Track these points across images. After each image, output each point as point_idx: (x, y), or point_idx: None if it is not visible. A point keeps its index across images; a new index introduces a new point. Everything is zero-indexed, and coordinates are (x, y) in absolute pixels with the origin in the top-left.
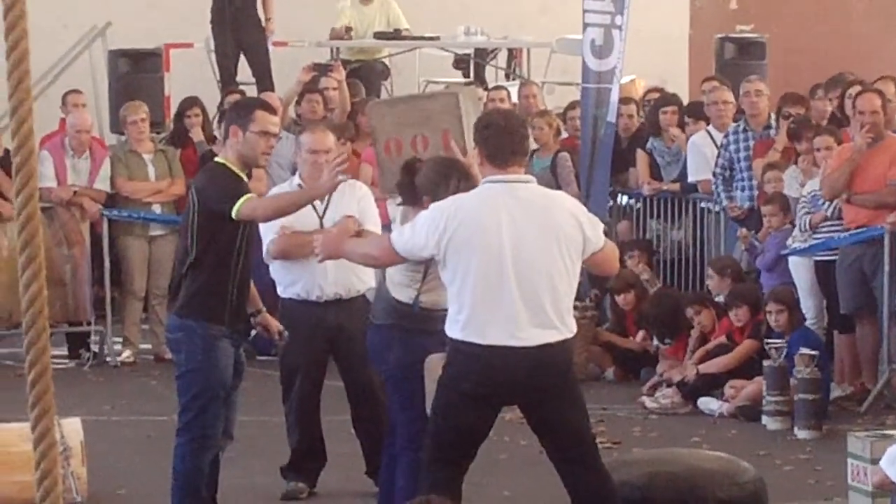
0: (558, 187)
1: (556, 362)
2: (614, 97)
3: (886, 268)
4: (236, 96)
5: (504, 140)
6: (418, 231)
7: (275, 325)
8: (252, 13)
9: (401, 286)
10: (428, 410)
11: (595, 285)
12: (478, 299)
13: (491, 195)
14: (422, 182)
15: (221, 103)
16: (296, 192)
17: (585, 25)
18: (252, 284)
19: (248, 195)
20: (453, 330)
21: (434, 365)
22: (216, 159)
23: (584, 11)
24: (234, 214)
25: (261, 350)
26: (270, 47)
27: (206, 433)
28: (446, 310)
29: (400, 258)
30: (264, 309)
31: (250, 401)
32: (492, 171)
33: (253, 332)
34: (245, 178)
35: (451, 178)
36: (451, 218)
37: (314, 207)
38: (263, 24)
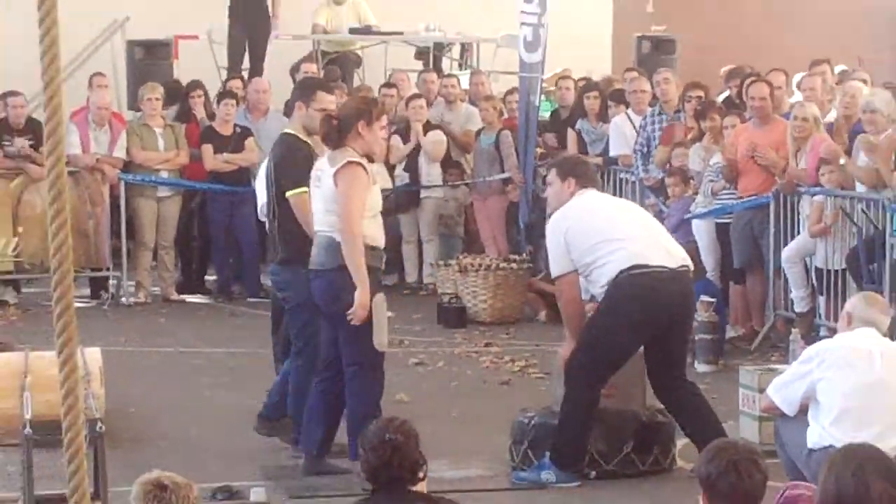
0: (501, 159)
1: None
2: (540, 85)
3: (772, 229)
4: (237, 81)
5: None
6: None
7: None
8: (263, 7)
9: (336, 227)
10: (376, 345)
11: (530, 241)
12: None
13: None
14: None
15: (224, 86)
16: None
17: (521, 24)
18: None
19: (304, 189)
20: None
21: (380, 301)
22: (286, 129)
23: (520, 12)
24: (287, 195)
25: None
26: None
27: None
28: (379, 247)
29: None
30: None
31: (243, 335)
32: None
33: None
34: (310, 143)
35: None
36: None
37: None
38: (271, 18)
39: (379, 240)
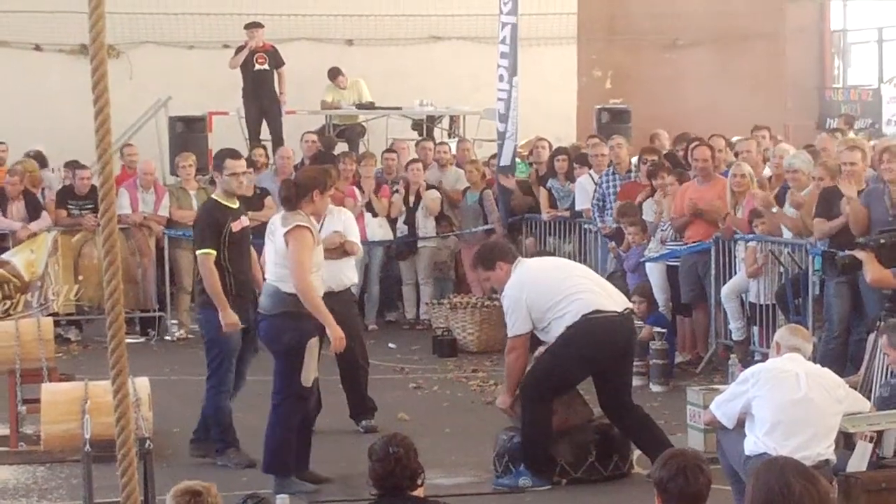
0: (485, 214)
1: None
2: (509, 150)
3: (713, 270)
4: (260, 150)
5: None
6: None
7: None
8: (271, 89)
9: (285, 281)
10: (303, 381)
11: None
12: None
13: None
14: (301, 182)
15: (249, 155)
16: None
17: (497, 100)
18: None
19: (209, 250)
20: None
21: (313, 345)
22: (212, 195)
23: (497, 90)
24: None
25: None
26: (284, 114)
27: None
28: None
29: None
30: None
31: (266, 366)
32: None
33: None
34: (230, 205)
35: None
36: None
37: (314, 227)
38: (279, 97)
39: (318, 291)
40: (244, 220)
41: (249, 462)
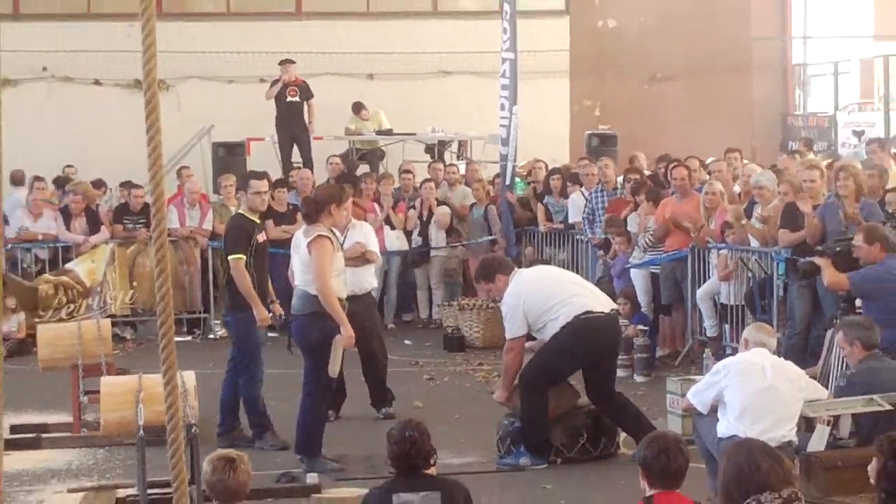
0: (489, 226)
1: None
2: (513, 171)
3: (689, 275)
4: (295, 170)
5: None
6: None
7: (278, 310)
8: (301, 118)
9: (311, 285)
10: (329, 373)
11: None
12: None
13: None
14: (319, 199)
15: (286, 177)
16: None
17: (499, 126)
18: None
19: (240, 255)
20: None
21: (338, 341)
22: (238, 210)
23: (499, 118)
24: (229, 257)
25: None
26: (312, 140)
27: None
28: (342, 298)
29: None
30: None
31: (297, 361)
32: None
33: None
34: (254, 219)
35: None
36: None
37: (336, 236)
38: (308, 124)
39: (342, 293)
40: (263, 234)
41: (283, 444)
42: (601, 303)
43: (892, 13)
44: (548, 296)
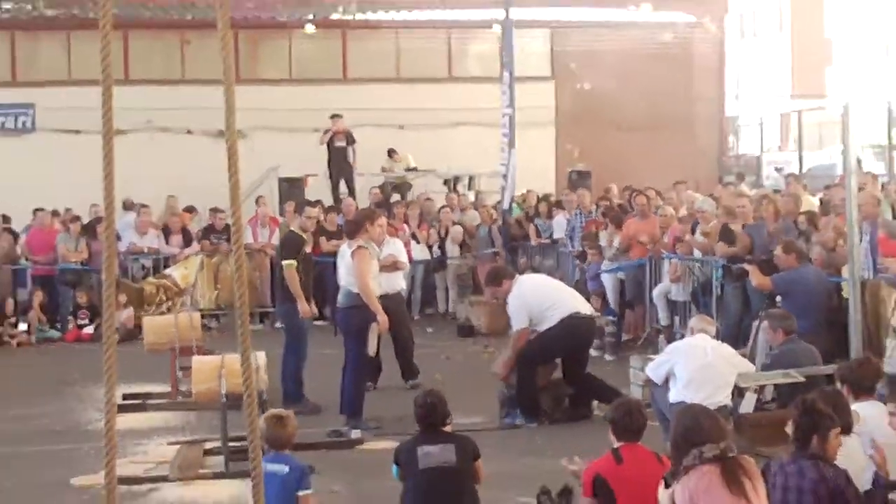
0: (492, 241)
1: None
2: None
3: (648, 278)
4: (342, 199)
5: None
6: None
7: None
8: (346, 159)
9: (353, 285)
10: (369, 352)
11: None
12: None
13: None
14: (356, 219)
15: (336, 204)
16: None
17: (500, 165)
18: None
19: (292, 262)
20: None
21: (374, 328)
22: (290, 227)
23: (501, 157)
24: (283, 263)
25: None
26: (355, 176)
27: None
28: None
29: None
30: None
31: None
32: None
33: None
34: (304, 236)
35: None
36: None
37: (373, 247)
38: (352, 164)
39: (376, 291)
40: (309, 247)
41: (315, 408)
42: (585, 306)
43: (805, 77)
44: (545, 298)
